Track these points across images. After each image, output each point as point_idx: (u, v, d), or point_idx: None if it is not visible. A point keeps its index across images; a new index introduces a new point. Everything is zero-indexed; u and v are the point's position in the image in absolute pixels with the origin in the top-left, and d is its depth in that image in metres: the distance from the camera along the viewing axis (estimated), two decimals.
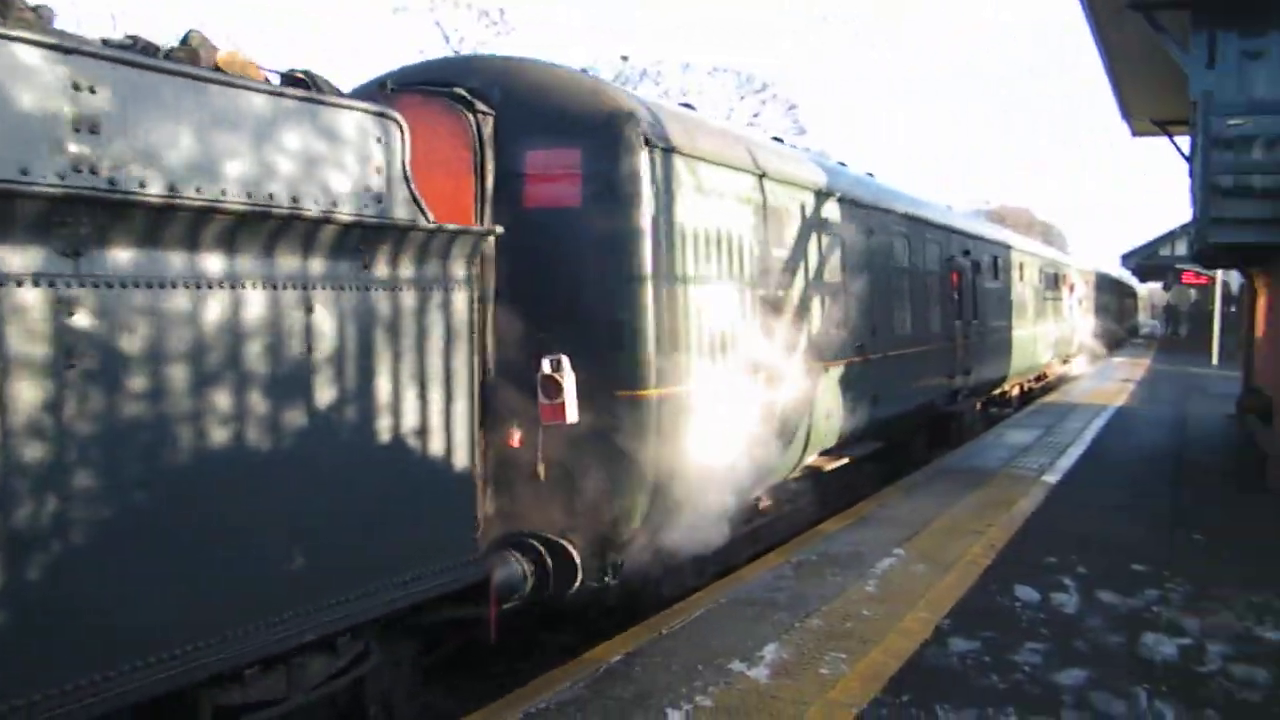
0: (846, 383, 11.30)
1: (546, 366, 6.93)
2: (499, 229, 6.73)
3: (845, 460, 11.34)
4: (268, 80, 5.27)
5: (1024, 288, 23.03)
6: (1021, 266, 22.78)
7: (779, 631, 7.20)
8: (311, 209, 5.13)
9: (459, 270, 6.19)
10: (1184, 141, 16.53)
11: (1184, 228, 32.00)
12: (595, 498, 7.37)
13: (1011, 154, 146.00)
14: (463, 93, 7.26)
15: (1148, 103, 17.90)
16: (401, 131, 5.75)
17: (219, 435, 4.77)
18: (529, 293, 7.18)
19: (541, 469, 7.16)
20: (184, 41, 4.92)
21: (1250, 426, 16.90)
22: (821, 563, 8.96)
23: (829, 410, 10.81)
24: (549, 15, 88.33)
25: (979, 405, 19.44)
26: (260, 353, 4.96)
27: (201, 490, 4.70)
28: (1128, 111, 19.05)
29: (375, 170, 5.58)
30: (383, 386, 5.64)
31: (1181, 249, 38.84)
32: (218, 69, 4.94)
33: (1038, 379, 26.68)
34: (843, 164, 14.07)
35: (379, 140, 5.62)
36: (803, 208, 10.50)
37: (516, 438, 7.16)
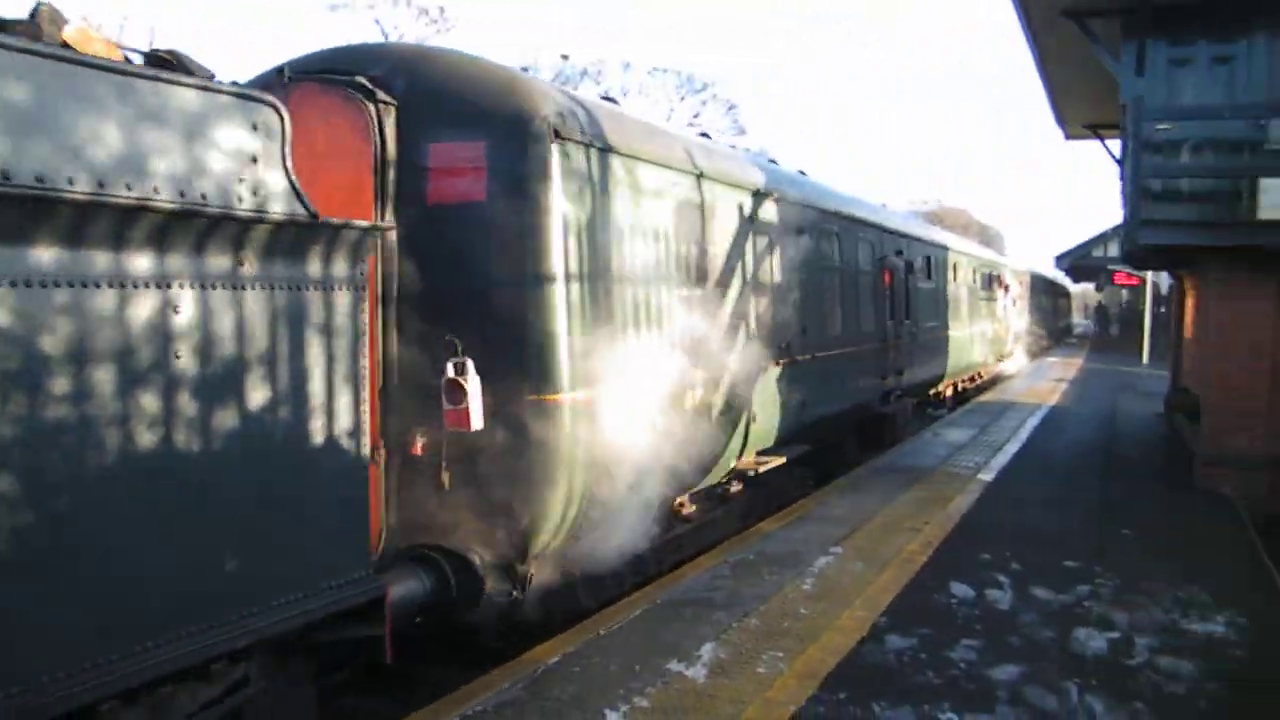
0: (774, 385, 11.14)
1: (450, 370, 6.67)
2: (389, 225, 6.57)
3: (773, 464, 11.13)
4: (127, 60, 4.92)
5: (958, 288, 23.08)
6: (955, 266, 22.81)
7: (717, 631, 7.21)
8: (167, 201, 4.69)
9: (344, 268, 5.79)
10: (1116, 145, 16.85)
11: (1116, 229, 32.60)
12: (503, 508, 7.09)
13: (953, 155, 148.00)
14: (364, 82, 6.94)
15: (1081, 107, 18.25)
16: (281, 119, 5.37)
17: (64, 446, 4.34)
18: (434, 293, 6.94)
19: (446, 477, 6.91)
20: (33, 15, 4.59)
21: (1179, 425, 17.29)
22: (759, 562, 8.98)
23: (756, 413, 10.62)
24: (490, 13, 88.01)
25: (913, 406, 19.30)
26: (111, 357, 4.54)
27: (48, 506, 4.28)
28: (1062, 116, 19.41)
29: (249, 160, 5.18)
30: (256, 393, 5.24)
31: (1114, 250, 39.59)
32: (65, 46, 4.56)
33: (972, 379, 26.87)
34: (773, 161, 13.91)
35: (254, 128, 5.23)
36: (730, 205, 10.31)
37: (419, 445, 6.89)
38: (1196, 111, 12.05)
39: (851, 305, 14.37)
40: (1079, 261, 50.85)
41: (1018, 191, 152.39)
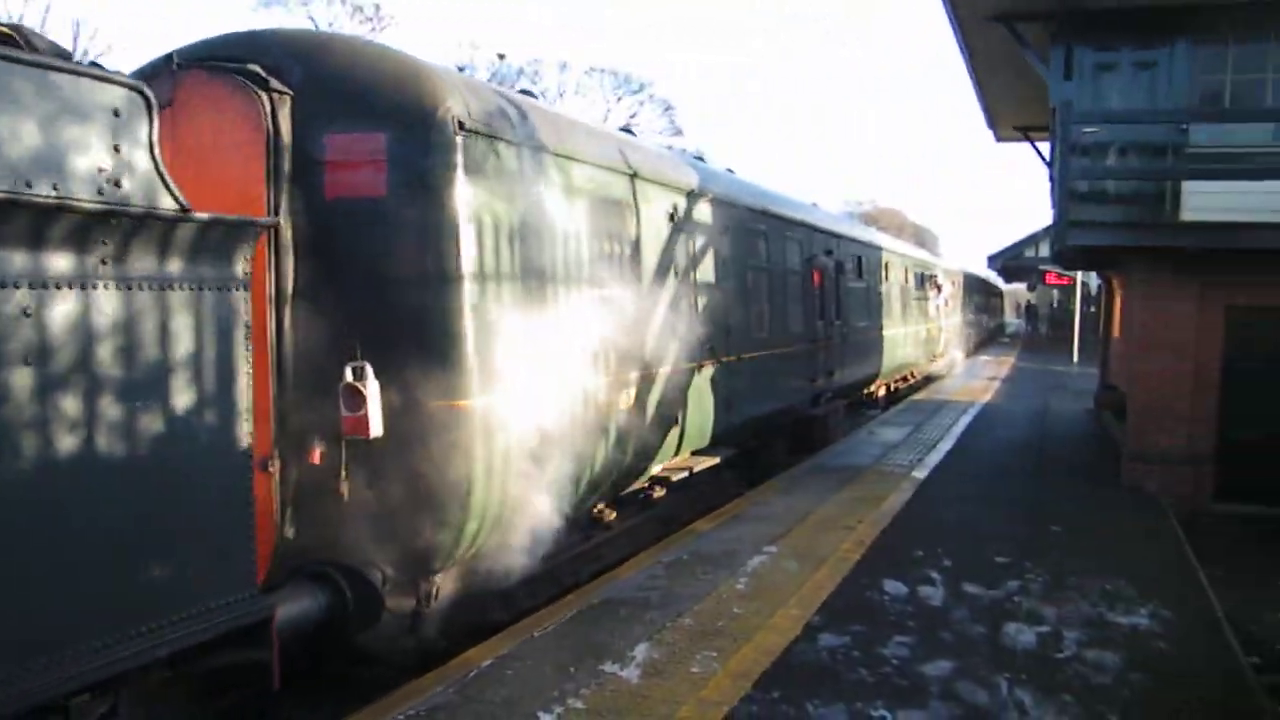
0: (700, 387, 10.93)
1: (349, 374, 6.32)
2: (270, 220, 6.19)
3: (703, 465, 10.96)
4: None
5: (890, 287, 23.02)
6: (887, 266, 22.75)
7: (651, 631, 7.19)
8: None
9: (219, 265, 5.35)
10: (1047, 148, 17.15)
11: (1046, 230, 33.19)
12: (406, 519, 6.71)
13: (889, 157, 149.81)
14: (257, 70, 6.52)
15: (1011, 110, 18.56)
16: (148, 104, 4.94)
17: None
18: (333, 292, 6.57)
19: (345, 488, 6.50)
20: None
21: (1107, 423, 17.66)
22: (694, 561, 8.99)
23: (681, 416, 10.39)
24: (427, 12, 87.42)
25: (845, 407, 19.04)
26: None
27: None
28: (993, 119, 19.73)
29: (109, 149, 4.73)
30: (113, 401, 4.79)
31: (1045, 251, 40.25)
32: None
33: (905, 379, 26.95)
34: (700, 158, 13.65)
35: (116, 114, 4.76)
36: (657, 204, 10.02)
37: (317, 454, 6.51)
38: (1122, 116, 12.30)
39: (780, 305, 14.16)
40: (1011, 262, 51.64)
41: (953, 193, 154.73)
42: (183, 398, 5.19)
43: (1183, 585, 8.55)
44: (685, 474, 10.61)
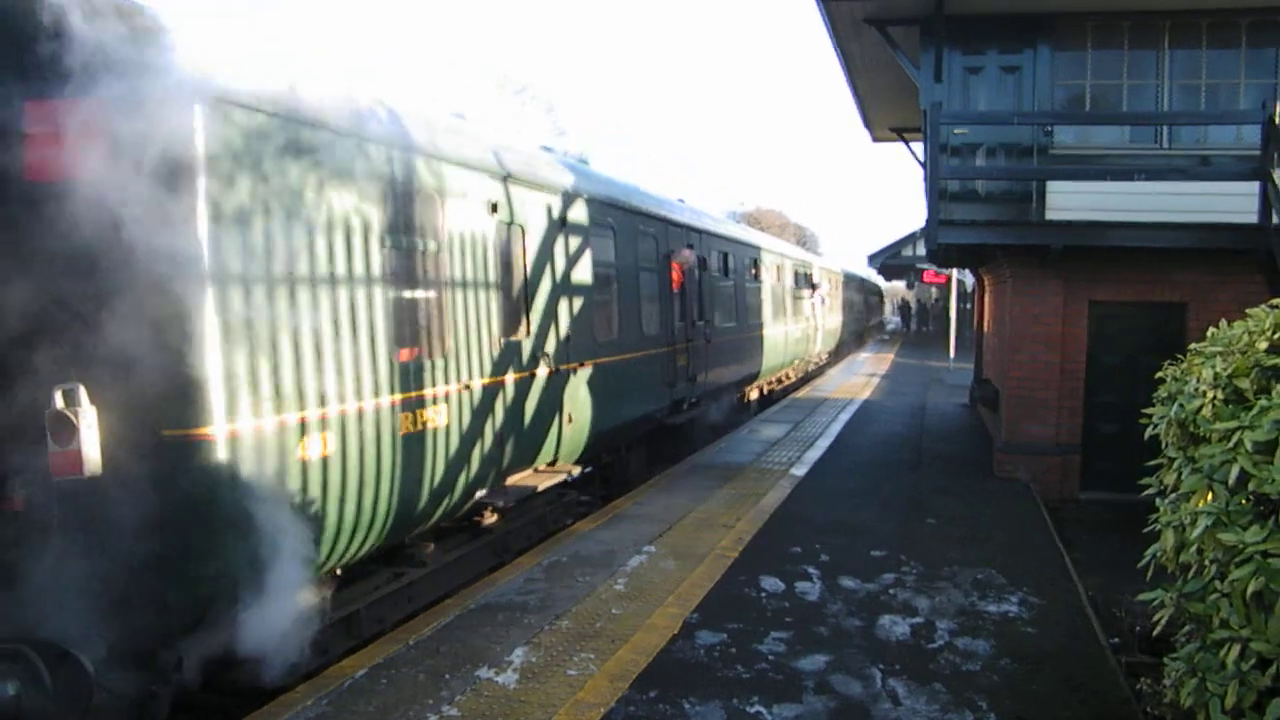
0: (528, 400, 9.72)
1: (58, 400, 5.26)
2: None
3: (551, 481, 9.96)
4: None
5: (763, 286, 22.28)
6: (758, 263, 21.95)
7: (528, 635, 7.10)
8: None
9: None
10: (921, 148, 17.53)
11: (923, 229, 33.97)
12: (133, 578, 5.46)
13: (770, 159, 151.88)
14: None
15: (886, 111, 18.94)
16: None
17: None
18: (37, 298, 5.41)
19: (52, 541, 5.42)
20: None
21: (982, 416, 18.15)
22: (573, 563, 8.92)
23: (504, 433, 9.15)
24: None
25: (719, 411, 18.40)
26: None
27: None
28: (868, 119, 20.09)
29: None
30: None
31: (922, 249, 41.28)
32: None
33: (780, 380, 26.63)
34: (548, 148, 12.66)
35: None
36: (472, 191, 8.73)
37: (19, 499, 5.44)
38: (988, 117, 12.64)
39: (630, 306, 13.03)
40: (890, 261, 52.91)
41: (834, 193, 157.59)
42: None
43: (1050, 572, 8.80)
44: (511, 498, 9.35)
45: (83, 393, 5.31)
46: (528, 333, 9.79)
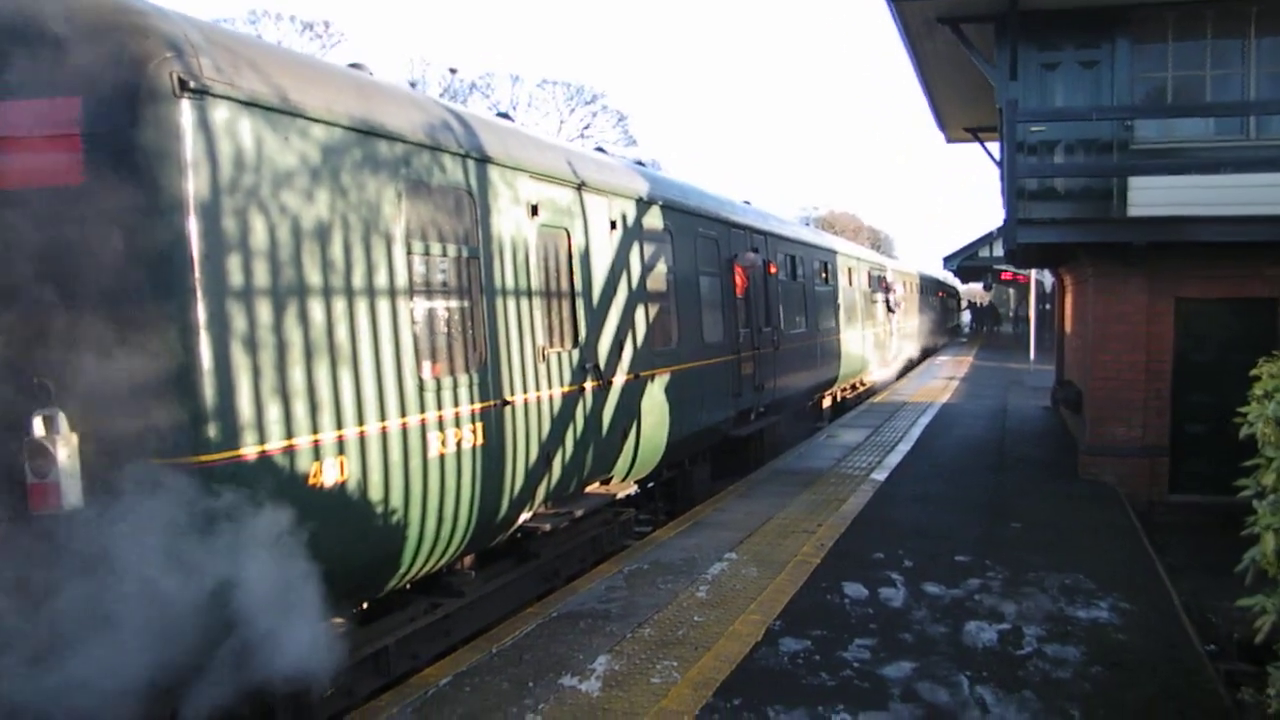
0: (579, 416, 9.11)
1: (37, 426, 4.87)
2: None
3: (578, 514, 9.03)
4: None
5: (834, 290, 21.52)
6: (829, 266, 21.24)
7: (611, 643, 7.12)
8: None
9: None
10: (997, 148, 17.28)
11: (1000, 230, 33.46)
12: (128, 633, 4.82)
13: (844, 162, 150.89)
14: None
15: (960, 112, 18.70)
16: None
17: None
18: (15, 314, 5.10)
19: (27, 588, 4.83)
20: None
21: (1064, 418, 17.79)
22: (654, 571, 8.92)
23: (552, 451, 8.59)
24: (378, 27, 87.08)
25: (791, 420, 17.80)
26: None
27: None
28: (942, 120, 19.85)
29: None
30: None
31: (999, 250, 40.62)
32: None
33: (854, 386, 25.81)
34: (600, 148, 11.88)
35: None
36: (502, 194, 8.03)
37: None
38: (1066, 114, 12.41)
39: (690, 313, 12.34)
40: (966, 262, 52.05)
41: (908, 196, 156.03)
42: None
43: (1140, 577, 8.59)
44: (559, 521, 8.69)
45: (63, 419, 4.94)
46: (574, 346, 9.18)
